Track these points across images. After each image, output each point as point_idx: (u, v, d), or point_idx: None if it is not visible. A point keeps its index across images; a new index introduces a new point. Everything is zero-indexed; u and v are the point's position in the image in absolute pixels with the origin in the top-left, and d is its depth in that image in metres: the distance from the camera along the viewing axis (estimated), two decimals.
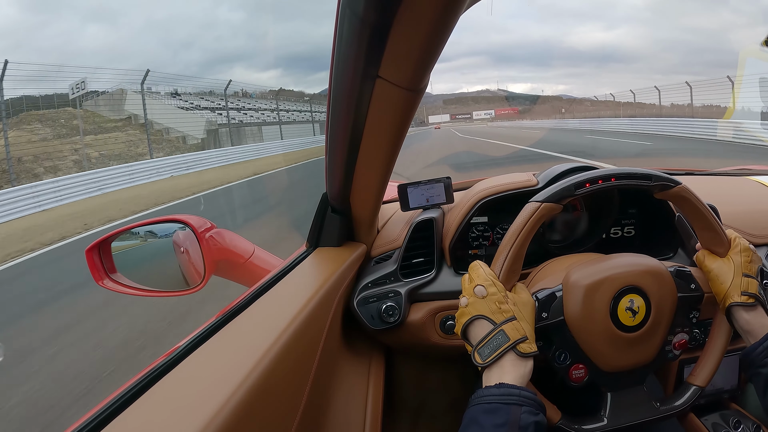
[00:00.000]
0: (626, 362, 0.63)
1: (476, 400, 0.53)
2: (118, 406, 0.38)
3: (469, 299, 0.61)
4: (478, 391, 0.54)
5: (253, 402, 0.41)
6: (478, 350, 0.57)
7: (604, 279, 0.63)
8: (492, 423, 0.49)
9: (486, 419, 0.50)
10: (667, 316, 0.64)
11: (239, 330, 0.52)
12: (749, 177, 1.23)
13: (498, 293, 0.60)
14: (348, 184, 0.70)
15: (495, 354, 0.56)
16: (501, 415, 0.50)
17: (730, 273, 0.63)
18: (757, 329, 0.60)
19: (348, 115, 0.53)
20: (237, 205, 8.72)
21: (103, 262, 0.80)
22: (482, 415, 0.50)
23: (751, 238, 0.93)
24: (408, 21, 0.38)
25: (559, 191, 0.64)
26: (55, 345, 2.80)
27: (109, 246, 0.82)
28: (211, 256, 0.79)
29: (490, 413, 0.50)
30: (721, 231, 0.66)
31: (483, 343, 0.57)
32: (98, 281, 0.79)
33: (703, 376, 0.67)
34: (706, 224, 0.67)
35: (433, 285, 0.89)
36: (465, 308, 0.61)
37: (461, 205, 0.93)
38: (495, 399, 0.51)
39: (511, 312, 0.58)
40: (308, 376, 0.57)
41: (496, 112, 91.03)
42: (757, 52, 2.29)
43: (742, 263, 0.64)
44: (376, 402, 0.80)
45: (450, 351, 0.91)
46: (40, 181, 10.81)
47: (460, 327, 0.62)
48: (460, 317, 0.62)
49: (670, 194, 0.65)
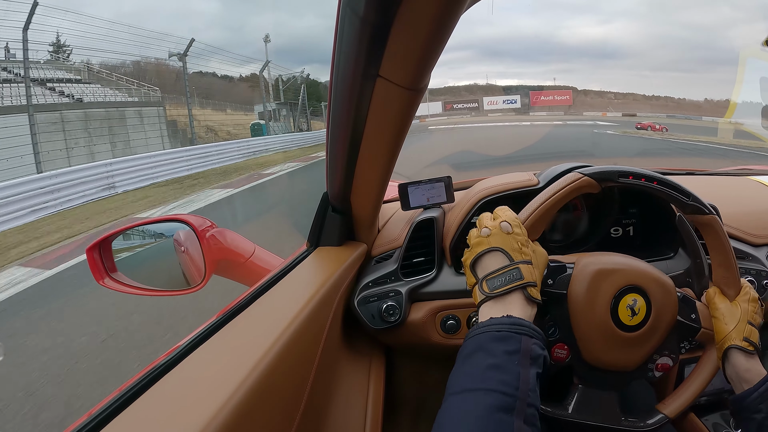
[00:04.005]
0: (609, 359, 0.63)
1: (482, 329, 0.51)
2: (118, 405, 0.38)
3: (492, 230, 0.60)
4: (481, 322, 0.53)
5: (253, 402, 0.41)
6: (487, 280, 0.57)
7: (616, 270, 0.63)
8: (503, 350, 0.48)
9: (496, 346, 0.49)
10: (662, 331, 0.64)
11: (239, 330, 0.52)
12: (749, 177, 1.23)
13: (522, 235, 0.60)
14: (348, 183, 0.70)
15: (506, 287, 0.55)
16: (512, 343, 0.49)
17: (737, 317, 0.64)
18: (754, 377, 0.60)
19: (348, 114, 0.53)
20: None
21: (104, 261, 0.80)
22: (491, 343, 0.49)
23: (751, 238, 0.93)
24: (408, 20, 0.38)
25: (603, 172, 0.64)
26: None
27: (109, 245, 0.82)
28: (212, 255, 0.79)
29: (499, 341, 0.49)
30: (737, 273, 0.67)
31: (495, 275, 0.57)
32: (99, 280, 0.79)
33: (674, 407, 0.66)
34: (725, 262, 0.67)
35: (433, 284, 0.89)
36: (485, 238, 0.60)
37: (462, 204, 0.93)
38: (505, 328, 0.50)
39: (530, 257, 0.59)
40: (309, 376, 0.57)
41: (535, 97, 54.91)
42: (757, 52, 2.29)
43: (749, 311, 0.65)
44: (377, 401, 0.80)
45: (451, 351, 0.91)
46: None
47: (473, 255, 0.60)
48: (477, 246, 0.60)
49: (700, 219, 0.66)
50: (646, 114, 49.69)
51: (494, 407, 0.43)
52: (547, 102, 55.40)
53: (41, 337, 2.88)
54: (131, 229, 0.84)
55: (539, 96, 56.05)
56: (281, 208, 7.49)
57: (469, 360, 0.49)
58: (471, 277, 0.61)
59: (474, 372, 0.48)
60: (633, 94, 64.55)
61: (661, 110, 53.86)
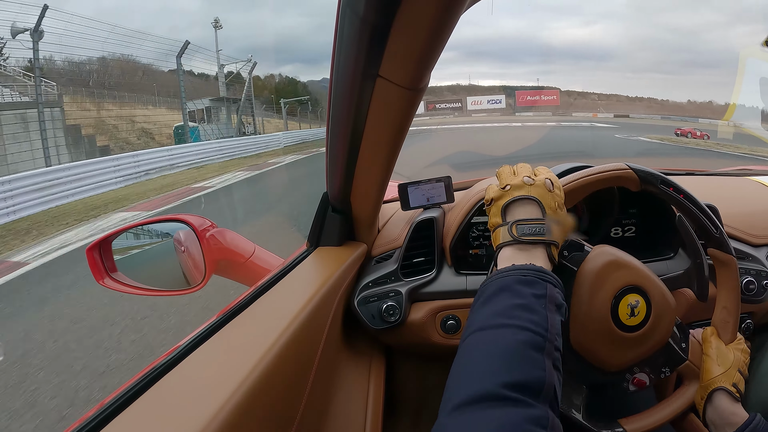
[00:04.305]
0: (593, 350, 0.63)
1: (507, 273, 0.51)
2: (118, 405, 0.38)
3: (536, 181, 0.60)
4: (504, 267, 0.53)
5: (253, 402, 0.41)
6: (518, 225, 0.57)
7: (629, 266, 0.64)
8: (530, 293, 0.48)
9: (523, 289, 0.48)
10: (652, 343, 0.64)
11: (239, 330, 0.52)
12: (749, 177, 1.23)
13: (560, 197, 0.61)
14: (348, 183, 0.70)
15: (535, 237, 0.55)
16: (539, 288, 0.49)
17: (729, 361, 0.65)
18: (739, 420, 0.61)
19: (348, 114, 0.53)
20: None
21: (104, 261, 0.80)
22: (517, 285, 0.49)
23: (751, 238, 0.93)
24: (408, 20, 0.38)
25: (649, 173, 0.66)
26: None
27: (109, 245, 0.82)
28: (212, 255, 0.79)
29: (526, 284, 0.49)
30: (737, 320, 0.68)
31: (527, 223, 0.57)
32: (99, 280, 0.79)
33: (635, 426, 0.66)
34: (731, 306, 0.67)
35: (433, 284, 0.89)
36: (528, 185, 0.60)
37: (462, 204, 0.93)
38: (531, 274, 0.50)
39: (562, 219, 0.59)
40: (309, 376, 0.57)
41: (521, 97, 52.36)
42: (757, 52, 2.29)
43: (741, 360, 0.66)
44: (377, 402, 0.80)
45: (451, 351, 0.91)
46: None
47: (510, 197, 0.59)
48: (516, 189, 0.60)
49: (720, 257, 0.67)
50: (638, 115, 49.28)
51: (526, 343, 0.43)
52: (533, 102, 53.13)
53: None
54: (131, 228, 0.84)
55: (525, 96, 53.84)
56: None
57: (493, 300, 0.49)
58: (498, 217, 0.60)
59: (500, 310, 0.47)
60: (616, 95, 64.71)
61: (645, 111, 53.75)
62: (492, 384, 0.39)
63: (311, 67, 76.79)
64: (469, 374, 0.42)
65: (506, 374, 0.40)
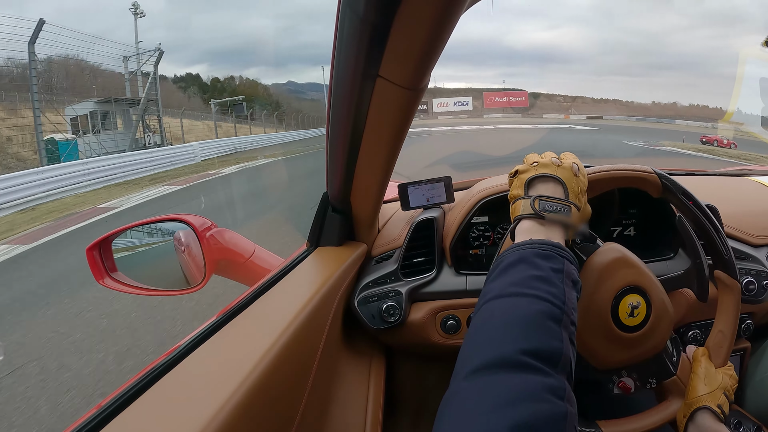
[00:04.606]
0: (585, 345, 0.63)
1: (526, 245, 0.51)
2: (118, 405, 0.38)
3: (563, 163, 0.61)
4: (525, 240, 0.53)
5: (253, 402, 0.41)
6: (540, 200, 0.57)
7: (638, 267, 0.64)
8: (549, 266, 0.48)
9: (542, 262, 0.48)
10: (646, 347, 0.64)
11: (239, 330, 0.52)
12: (749, 177, 1.23)
13: (583, 184, 0.61)
14: (348, 183, 0.70)
15: (555, 216, 0.56)
16: (557, 262, 0.49)
17: (717, 382, 0.65)
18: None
19: (348, 114, 0.53)
20: None
21: (104, 260, 0.80)
22: (535, 258, 0.49)
23: (751, 239, 0.93)
24: (408, 20, 0.38)
25: (673, 182, 0.66)
26: None
27: (109, 245, 0.82)
28: (212, 255, 0.79)
29: (545, 258, 0.49)
30: (731, 347, 0.68)
31: (550, 200, 0.57)
32: (99, 280, 0.79)
33: (614, 429, 0.66)
34: (727, 331, 0.68)
35: (433, 284, 0.89)
36: (555, 165, 0.61)
37: (462, 204, 0.93)
38: (550, 249, 0.50)
39: (582, 205, 0.60)
40: (309, 376, 0.57)
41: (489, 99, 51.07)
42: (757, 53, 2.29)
43: (728, 385, 0.65)
44: (377, 402, 0.80)
45: (451, 351, 0.91)
46: None
47: (537, 173, 0.60)
48: (544, 167, 0.61)
49: (726, 280, 0.67)
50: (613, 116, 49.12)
51: (544, 314, 0.43)
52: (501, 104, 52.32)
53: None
54: (131, 228, 0.84)
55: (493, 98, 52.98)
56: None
57: (510, 270, 0.49)
58: (520, 190, 0.61)
59: (518, 280, 0.47)
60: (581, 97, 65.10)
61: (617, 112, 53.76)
62: (510, 350, 0.39)
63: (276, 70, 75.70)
64: (486, 340, 0.42)
65: (525, 341, 0.39)
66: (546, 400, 0.35)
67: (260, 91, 35.83)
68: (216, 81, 26.42)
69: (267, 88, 45.46)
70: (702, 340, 0.88)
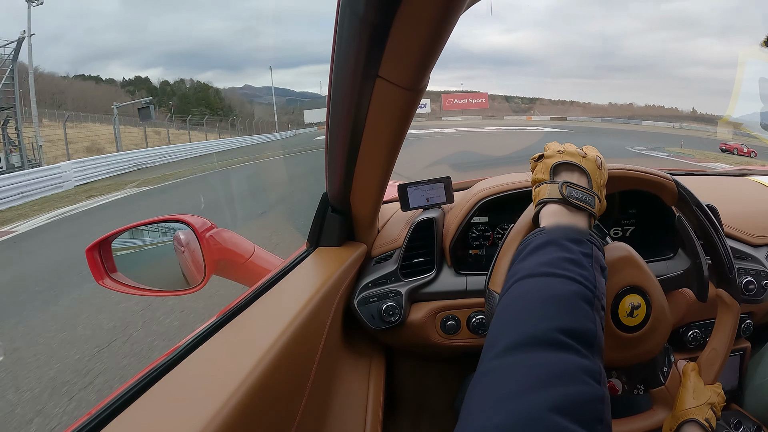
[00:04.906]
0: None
1: (554, 229, 0.51)
2: (118, 405, 0.38)
3: (588, 155, 0.62)
4: (552, 223, 0.53)
5: (253, 402, 0.41)
6: (568, 186, 0.57)
7: (643, 269, 0.64)
8: (579, 250, 0.47)
9: (571, 245, 0.48)
10: (640, 350, 0.64)
11: (239, 330, 0.52)
12: (749, 177, 1.23)
13: (604, 178, 0.62)
14: (348, 183, 0.70)
15: (580, 203, 0.56)
16: (586, 247, 0.48)
17: (705, 397, 0.65)
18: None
19: (348, 114, 0.53)
20: None
21: (104, 261, 0.80)
22: (566, 241, 0.48)
23: (750, 239, 0.93)
24: (408, 20, 0.38)
25: (690, 193, 0.67)
26: None
27: (109, 245, 0.82)
28: (212, 255, 0.79)
29: (575, 242, 0.48)
30: (722, 367, 0.68)
31: (577, 188, 0.57)
32: (98, 280, 0.79)
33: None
34: (721, 349, 0.68)
35: (433, 285, 0.89)
36: (580, 156, 0.61)
37: (461, 205, 0.93)
38: (578, 233, 0.50)
39: (602, 197, 0.60)
40: (309, 376, 0.57)
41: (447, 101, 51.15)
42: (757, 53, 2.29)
43: (716, 402, 0.66)
44: (377, 402, 0.80)
45: (450, 351, 0.91)
46: None
47: (564, 160, 0.61)
48: (571, 156, 0.61)
49: (727, 299, 0.67)
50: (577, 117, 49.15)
51: (578, 295, 0.42)
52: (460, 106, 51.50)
53: None
54: (131, 229, 0.84)
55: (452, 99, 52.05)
56: None
57: (539, 251, 0.48)
58: (545, 174, 0.61)
59: (549, 261, 0.46)
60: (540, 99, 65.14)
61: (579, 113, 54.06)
62: (546, 328, 0.37)
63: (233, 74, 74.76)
64: (520, 317, 0.40)
65: (561, 320, 0.38)
66: (584, 381, 0.34)
67: (211, 95, 34.76)
68: (165, 84, 25.50)
69: (219, 92, 44.03)
70: (702, 340, 0.88)
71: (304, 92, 69.86)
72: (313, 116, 49.98)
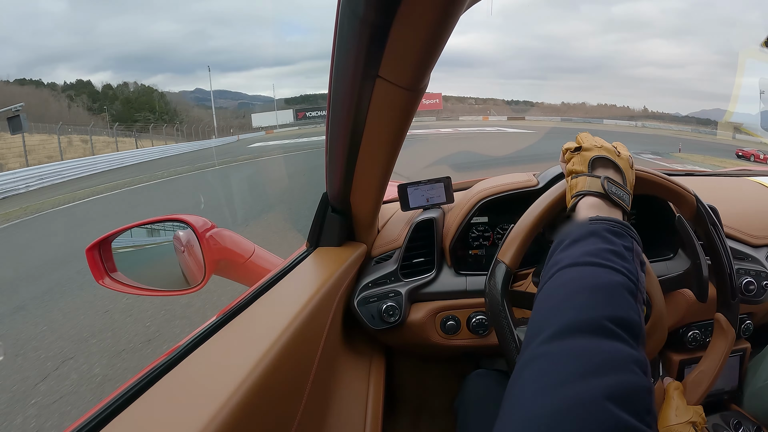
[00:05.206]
0: None
1: (595, 221, 0.51)
2: (118, 405, 0.38)
3: (622, 154, 0.63)
4: (593, 216, 0.53)
5: (253, 402, 0.41)
6: (608, 181, 0.58)
7: (650, 272, 0.64)
8: (621, 243, 0.47)
9: (613, 238, 0.48)
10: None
11: (239, 330, 0.52)
12: (749, 177, 1.23)
13: (633, 178, 0.63)
14: (348, 183, 0.70)
15: (618, 199, 0.57)
16: (627, 240, 0.48)
17: (688, 415, 0.65)
18: None
19: (348, 114, 0.53)
20: None
21: (104, 261, 0.80)
22: (607, 233, 0.48)
23: (750, 239, 0.93)
24: (408, 20, 0.38)
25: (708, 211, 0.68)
26: None
27: (109, 245, 0.82)
28: (212, 255, 0.79)
29: (616, 235, 0.48)
30: (707, 390, 0.68)
31: (616, 184, 0.58)
32: (98, 280, 0.79)
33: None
34: (708, 372, 0.68)
35: (433, 285, 0.89)
36: (616, 155, 0.62)
37: (461, 205, 0.93)
38: (620, 227, 0.50)
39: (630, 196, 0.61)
40: (309, 376, 0.57)
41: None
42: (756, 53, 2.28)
43: (698, 422, 0.66)
44: (377, 401, 0.80)
45: (450, 351, 0.91)
46: None
47: (603, 155, 0.62)
48: (609, 152, 0.62)
49: (724, 323, 0.68)
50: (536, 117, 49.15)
51: (622, 286, 0.41)
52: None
53: None
54: (131, 229, 0.84)
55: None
56: None
57: (582, 242, 0.48)
58: (582, 166, 0.61)
59: (593, 251, 0.45)
60: (493, 99, 65.53)
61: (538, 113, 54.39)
62: (595, 315, 0.37)
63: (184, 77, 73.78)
64: (566, 304, 0.40)
65: (609, 308, 0.38)
66: (633, 371, 0.34)
67: (155, 99, 33.47)
68: (108, 88, 23.89)
69: (163, 96, 41.91)
70: (701, 340, 0.88)
71: (256, 95, 67.77)
72: (261, 120, 47.54)
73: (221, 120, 44.03)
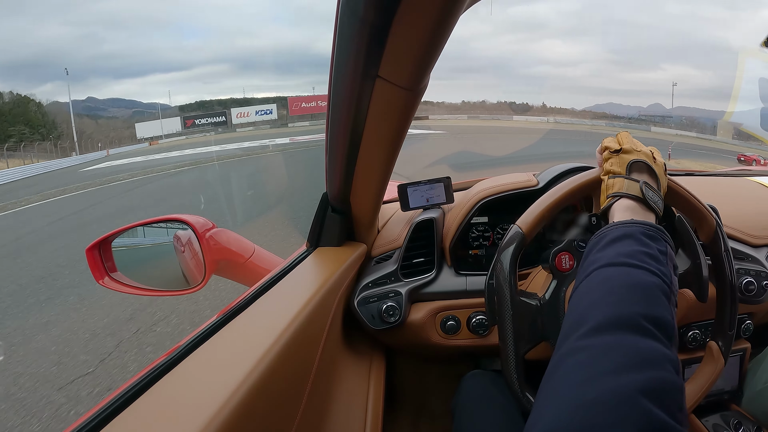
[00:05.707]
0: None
1: (630, 224, 0.52)
2: (118, 405, 0.38)
3: (657, 160, 0.63)
4: (628, 220, 0.53)
5: (253, 402, 0.41)
6: (646, 186, 0.59)
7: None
8: (656, 247, 0.48)
9: (648, 241, 0.48)
10: None
11: (239, 330, 0.52)
12: (749, 177, 1.23)
13: (665, 188, 0.63)
14: (348, 183, 0.70)
15: (654, 203, 0.57)
16: (662, 244, 0.49)
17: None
18: None
19: (348, 114, 0.53)
20: None
21: (104, 261, 0.80)
22: (643, 236, 0.49)
23: (750, 239, 0.93)
24: (408, 20, 0.38)
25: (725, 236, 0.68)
26: None
27: (109, 245, 0.82)
28: (212, 255, 0.79)
29: (651, 239, 0.49)
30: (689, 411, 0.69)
31: (652, 189, 0.59)
32: (98, 280, 0.79)
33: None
34: (690, 395, 0.68)
35: (433, 285, 0.89)
36: (652, 160, 0.62)
37: (461, 205, 0.94)
38: (654, 231, 0.51)
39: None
40: (308, 376, 0.57)
41: (294, 105, 46.66)
42: (756, 53, 2.29)
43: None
44: (377, 402, 0.80)
45: (450, 351, 0.91)
46: None
47: (641, 158, 0.62)
48: (646, 157, 0.63)
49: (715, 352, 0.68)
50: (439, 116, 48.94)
51: (658, 287, 0.42)
52: (309, 109, 47.13)
53: None
54: (131, 229, 0.84)
55: (300, 103, 47.38)
56: None
57: (617, 243, 0.49)
58: (620, 168, 0.62)
59: (628, 253, 0.46)
60: None
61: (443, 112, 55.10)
62: (633, 312, 0.38)
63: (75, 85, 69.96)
64: (605, 301, 0.41)
65: (646, 307, 0.39)
66: (668, 370, 0.35)
67: (32, 110, 28.86)
68: None
69: (40, 106, 36.30)
70: (701, 340, 0.88)
71: (152, 103, 63.22)
72: (145, 130, 40.43)
73: (112, 131, 39.35)
